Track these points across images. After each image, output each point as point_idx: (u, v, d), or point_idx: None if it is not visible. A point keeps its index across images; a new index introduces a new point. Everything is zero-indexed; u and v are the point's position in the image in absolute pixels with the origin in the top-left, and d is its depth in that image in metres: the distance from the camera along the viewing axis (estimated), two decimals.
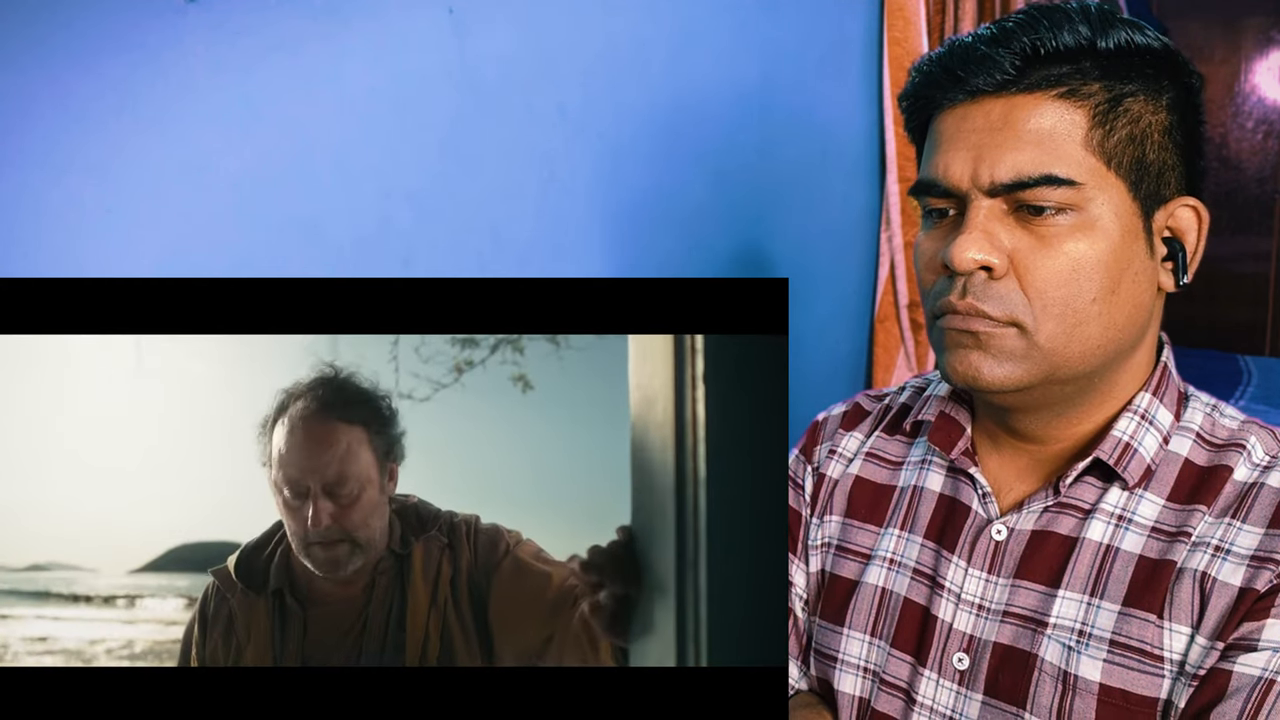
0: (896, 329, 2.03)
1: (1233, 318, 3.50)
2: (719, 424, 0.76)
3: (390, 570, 0.90)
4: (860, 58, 1.93)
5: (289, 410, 0.87)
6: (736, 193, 1.61)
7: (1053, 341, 0.71)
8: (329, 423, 0.86)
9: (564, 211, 1.29)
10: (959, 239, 0.71)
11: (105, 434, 1.29)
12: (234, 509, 1.15)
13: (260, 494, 0.91)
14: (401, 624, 0.88)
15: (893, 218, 1.99)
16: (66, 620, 1.58)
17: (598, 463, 1.22)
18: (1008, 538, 0.78)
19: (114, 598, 1.67)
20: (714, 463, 0.75)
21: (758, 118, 1.64)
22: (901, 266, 2.00)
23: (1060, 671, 0.72)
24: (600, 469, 1.23)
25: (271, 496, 0.90)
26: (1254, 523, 0.71)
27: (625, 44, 1.36)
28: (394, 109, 1.07)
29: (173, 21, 0.88)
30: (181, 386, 1.22)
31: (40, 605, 1.61)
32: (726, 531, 0.80)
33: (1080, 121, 0.70)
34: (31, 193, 0.82)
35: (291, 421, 0.87)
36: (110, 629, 1.58)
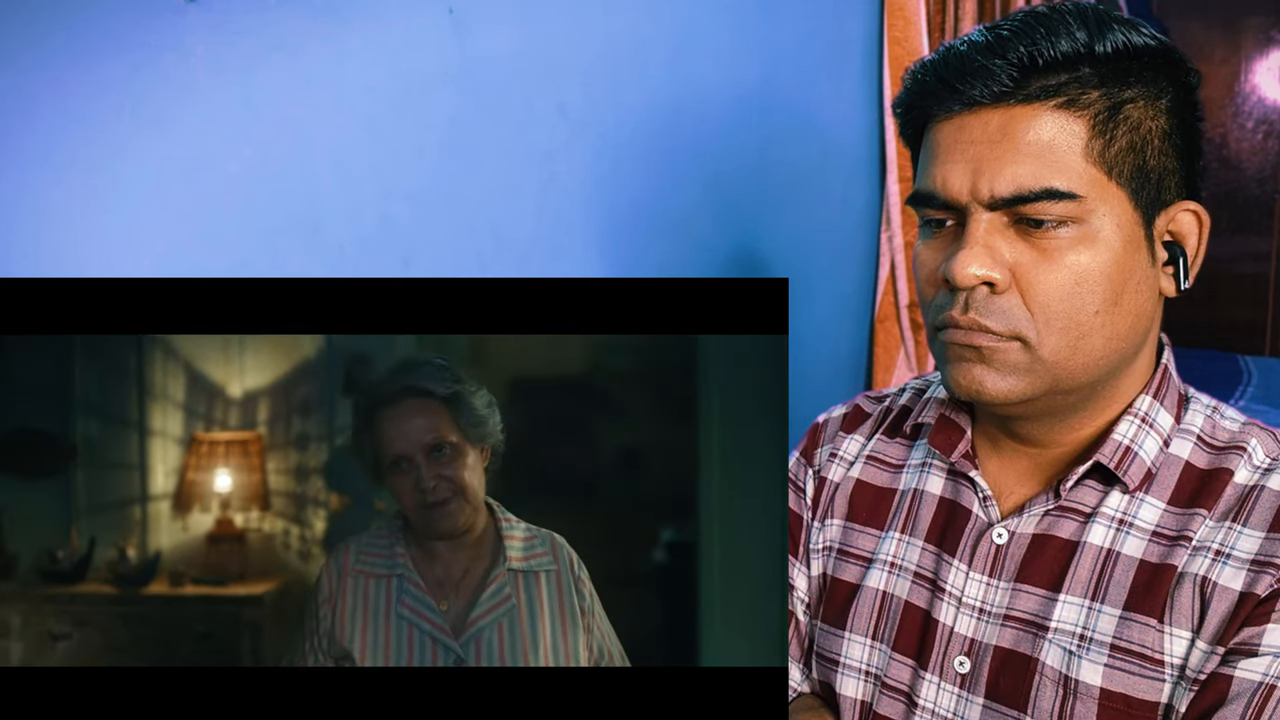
0: (896, 329, 2.03)
1: (1233, 318, 3.49)
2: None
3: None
4: (860, 58, 1.92)
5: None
6: (736, 192, 1.61)
7: (1056, 355, 0.71)
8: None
9: (564, 211, 1.29)
10: (960, 255, 0.70)
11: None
12: None
13: None
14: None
15: (893, 218, 1.99)
16: None
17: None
18: (1008, 541, 0.78)
19: None
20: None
21: (758, 118, 1.64)
22: (901, 267, 2.00)
23: (1061, 676, 0.72)
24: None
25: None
26: (1254, 526, 0.70)
27: (625, 44, 1.35)
28: (394, 109, 1.07)
29: (173, 21, 0.88)
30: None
31: None
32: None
33: (1080, 132, 0.69)
34: (31, 192, 0.82)
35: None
36: None
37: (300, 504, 1.59)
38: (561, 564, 0.95)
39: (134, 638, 1.43)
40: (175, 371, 1.55)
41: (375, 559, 0.92)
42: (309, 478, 1.57)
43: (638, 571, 1.45)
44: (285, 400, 1.58)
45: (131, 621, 1.44)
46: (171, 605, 1.46)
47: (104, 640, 1.43)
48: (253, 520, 1.57)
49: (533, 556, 0.94)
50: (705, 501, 1.36)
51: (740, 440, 1.29)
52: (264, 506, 1.58)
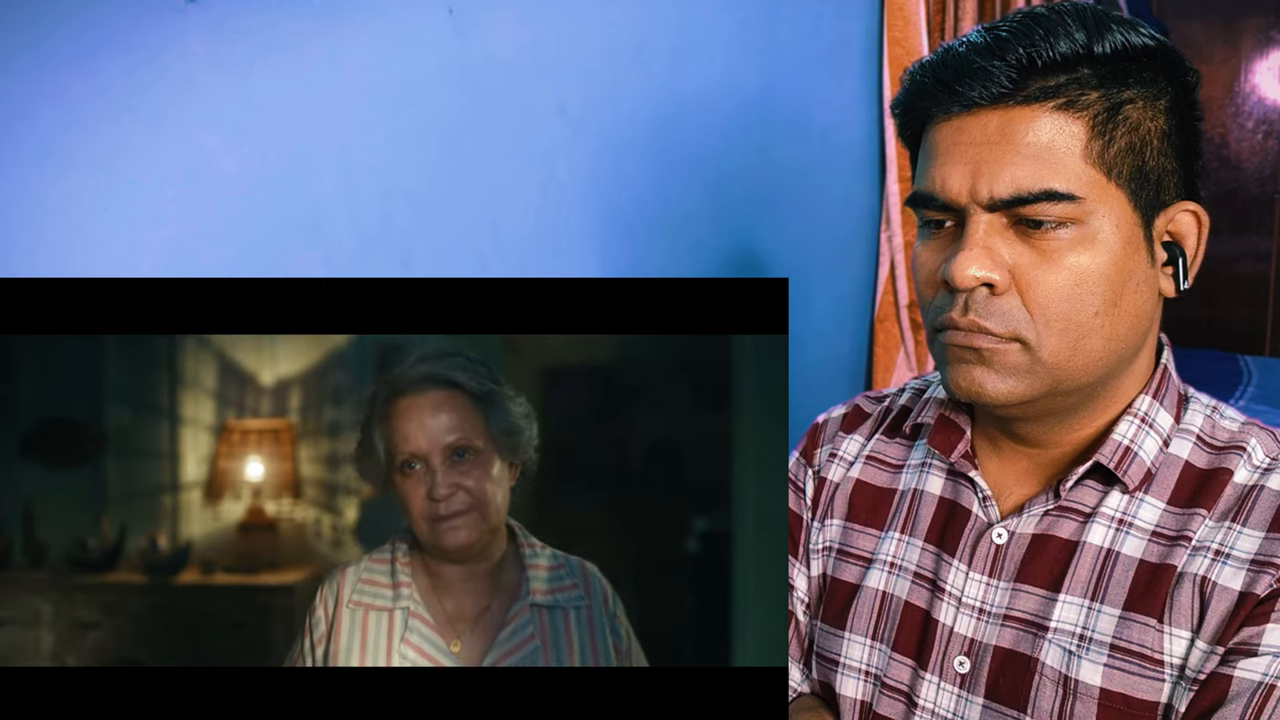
0: (896, 329, 2.03)
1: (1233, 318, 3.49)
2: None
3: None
4: (860, 58, 1.92)
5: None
6: (736, 192, 1.61)
7: (1056, 356, 0.71)
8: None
9: (563, 211, 1.29)
10: (960, 256, 0.70)
11: None
12: None
13: None
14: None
15: (893, 218, 1.99)
16: None
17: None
18: (1008, 541, 0.78)
19: None
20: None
21: (758, 118, 1.64)
22: (901, 266, 2.00)
23: (1061, 676, 0.72)
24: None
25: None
26: (1254, 526, 0.70)
27: (625, 44, 1.35)
28: (394, 109, 1.07)
29: (173, 21, 0.88)
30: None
31: None
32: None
33: (1079, 133, 0.69)
34: (31, 192, 0.82)
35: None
36: None
37: (332, 492, 1.58)
38: (594, 598, 0.82)
39: (164, 626, 1.42)
40: (207, 359, 1.54)
41: (376, 588, 0.80)
42: (341, 466, 1.56)
43: (672, 561, 1.41)
44: (317, 388, 1.57)
45: (162, 610, 1.43)
46: (202, 594, 1.45)
47: (135, 629, 1.42)
48: (284, 509, 1.56)
49: (560, 590, 0.81)
50: (739, 492, 1.34)
51: (773, 431, 1.27)
52: (296, 495, 1.57)
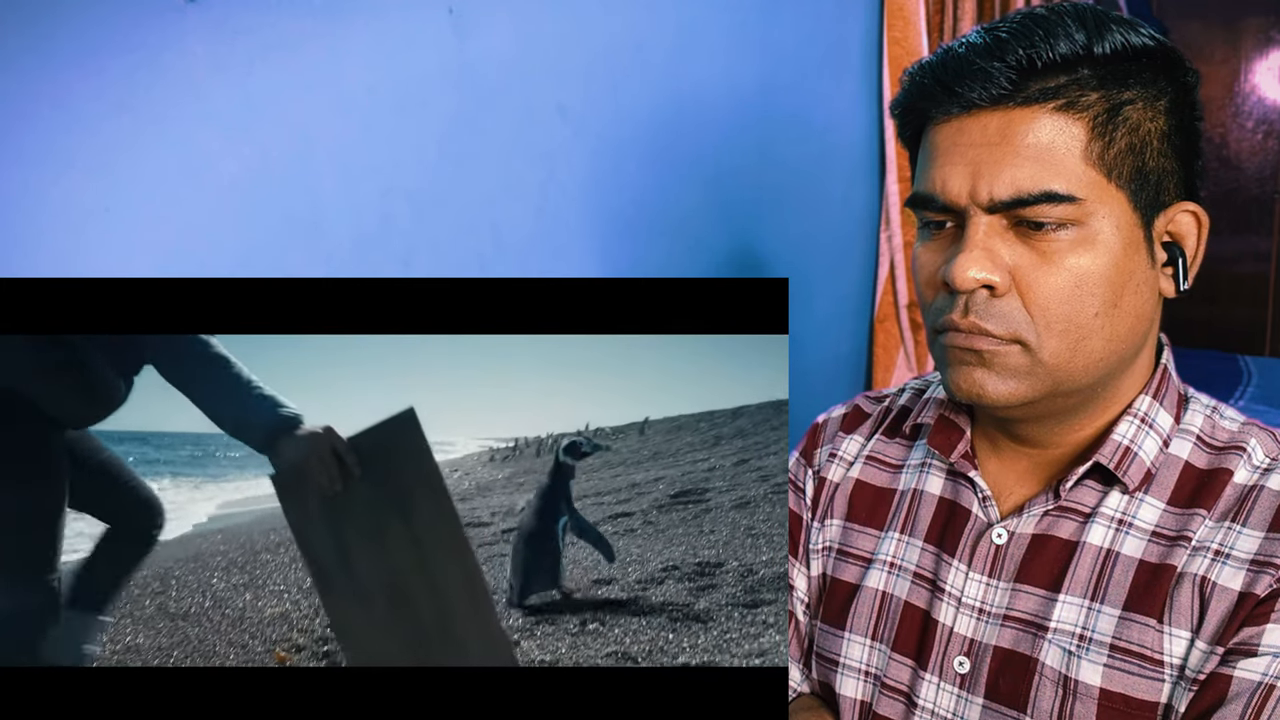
0: (896, 329, 2.03)
1: (1233, 318, 3.50)
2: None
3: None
4: (860, 58, 1.92)
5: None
6: (736, 192, 1.61)
7: (1056, 357, 0.71)
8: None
9: (563, 211, 1.29)
10: (960, 258, 0.70)
11: None
12: None
13: None
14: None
15: (892, 218, 1.99)
16: None
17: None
18: (1008, 541, 0.78)
19: None
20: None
21: (757, 118, 1.64)
22: (901, 266, 2.00)
23: (1061, 676, 0.72)
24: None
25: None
26: (1254, 526, 0.70)
27: (625, 44, 1.36)
28: (394, 109, 1.07)
29: (173, 21, 0.88)
30: None
31: None
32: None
33: (1079, 134, 0.69)
34: (31, 192, 0.82)
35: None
36: None
37: None
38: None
39: None
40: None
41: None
42: None
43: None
44: None
45: None
46: None
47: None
48: None
49: None
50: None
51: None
52: None
